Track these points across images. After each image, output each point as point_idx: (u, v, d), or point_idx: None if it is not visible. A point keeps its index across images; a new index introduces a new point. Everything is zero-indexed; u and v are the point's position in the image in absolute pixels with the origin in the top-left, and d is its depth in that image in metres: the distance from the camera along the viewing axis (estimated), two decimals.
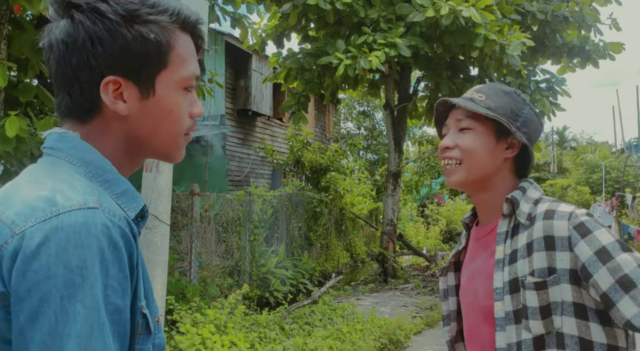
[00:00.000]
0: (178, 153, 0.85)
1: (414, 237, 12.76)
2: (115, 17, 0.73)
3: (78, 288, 0.63)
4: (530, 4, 7.91)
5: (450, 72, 8.40)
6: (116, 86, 0.75)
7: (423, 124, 11.20)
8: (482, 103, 1.17)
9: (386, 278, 8.97)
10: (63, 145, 0.76)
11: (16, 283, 0.63)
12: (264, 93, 12.39)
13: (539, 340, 1.03)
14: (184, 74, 0.80)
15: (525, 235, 1.09)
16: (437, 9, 6.54)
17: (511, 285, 1.08)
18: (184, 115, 0.82)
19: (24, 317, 0.63)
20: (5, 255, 0.64)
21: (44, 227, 0.64)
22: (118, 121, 0.78)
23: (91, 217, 0.67)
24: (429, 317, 6.46)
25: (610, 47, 8.64)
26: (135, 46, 0.75)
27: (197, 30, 0.83)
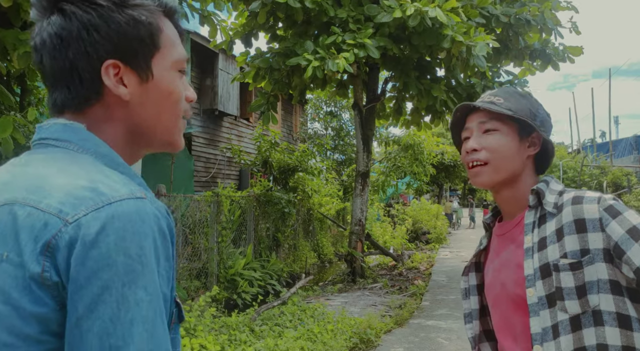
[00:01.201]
0: (178, 138, 0.85)
1: (380, 237, 12.87)
2: (106, 3, 0.74)
3: (139, 275, 0.64)
4: (495, 7, 8.10)
5: (417, 72, 8.51)
6: (116, 70, 0.76)
7: (390, 124, 11.30)
8: (502, 106, 1.22)
9: (354, 278, 8.99)
10: (72, 137, 0.75)
11: (75, 272, 0.62)
12: (230, 93, 12.24)
13: (576, 320, 1.06)
14: (176, 56, 0.82)
15: (554, 222, 1.14)
16: (404, 10, 6.61)
17: (542, 270, 1.12)
18: (182, 96, 0.83)
19: (83, 306, 0.62)
20: (60, 244, 0.63)
21: (100, 215, 0.64)
22: (120, 107, 0.78)
23: (142, 206, 0.67)
24: (398, 316, 6.50)
25: (570, 50, 8.94)
26: (129, 29, 0.75)
27: (176, 17, 0.85)
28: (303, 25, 8.05)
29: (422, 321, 6.43)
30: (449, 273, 10.55)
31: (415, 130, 11.18)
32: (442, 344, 5.43)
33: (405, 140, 12.94)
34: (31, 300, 0.63)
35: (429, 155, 13.21)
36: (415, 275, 9.98)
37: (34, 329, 0.63)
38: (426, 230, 16.74)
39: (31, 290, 0.63)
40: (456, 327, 6.09)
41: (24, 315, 0.63)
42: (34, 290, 0.63)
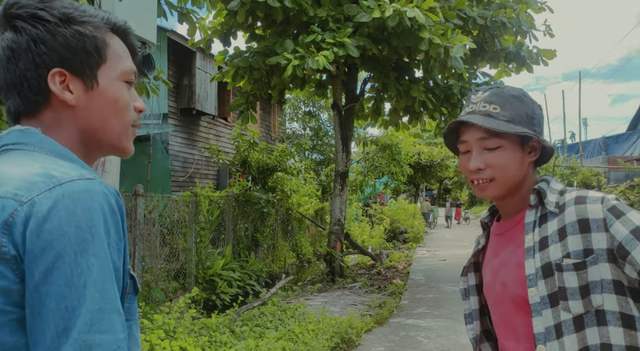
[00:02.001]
0: (127, 144, 0.92)
1: (359, 237, 12.93)
2: (53, 19, 0.83)
3: (89, 244, 0.71)
4: (471, 9, 8.21)
5: (396, 73, 8.56)
6: (62, 78, 0.83)
7: (368, 125, 11.36)
8: (500, 116, 1.19)
9: (334, 278, 9.00)
10: (29, 139, 0.82)
11: (31, 244, 0.70)
12: (208, 92, 12.12)
13: (579, 320, 1.06)
14: (122, 68, 0.89)
15: (556, 221, 1.13)
16: (383, 10, 6.65)
17: (544, 270, 1.11)
18: (128, 106, 0.90)
19: (39, 274, 0.69)
20: (17, 221, 0.71)
21: (51, 194, 0.72)
22: (68, 111, 0.85)
23: (91, 185, 0.75)
24: (378, 315, 6.54)
25: (544, 53, 9.14)
26: (75, 42, 0.84)
27: (127, 35, 0.93)
28: (282, 25, 8.02)
29: (401, 320, 6.48)
30: (426, 272, 10.66)
31: (393, 130, 11.27)
32: (422, 342, 5.48)
33: (383, 141, 13.04)
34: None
35: (406, 155, 13.34)
36: (393, 274, 10.06)
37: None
38: (404, 229, 16.88)
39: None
40: (435, 326, 6.16)
41: None
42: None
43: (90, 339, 0.69)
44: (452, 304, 7.37)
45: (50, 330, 0.69)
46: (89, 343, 0.69)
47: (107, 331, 0.71)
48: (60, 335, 0.68)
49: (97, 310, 0.70)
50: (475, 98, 1.24)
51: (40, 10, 0.83)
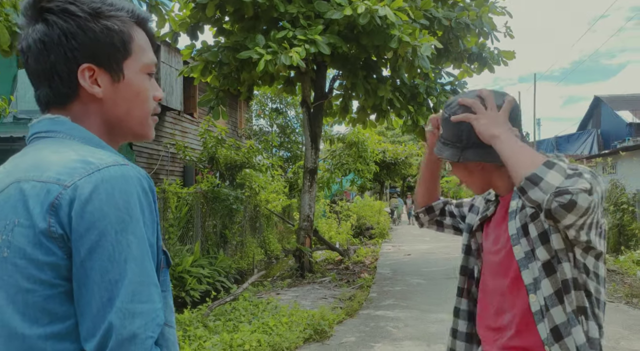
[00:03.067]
0: (149, 131, 0.99)
1: (326, 233, 13.05)
2: (83, 14, 0.87)
3: (128, 224, 0.78)
4: (437, 10, 8.45)
5: (365, 72, 8.70)
6: (91, 72, 0.89)
7: (336, 122, 11.48)
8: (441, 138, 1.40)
9: (303, 273, 9.09)
10: (60, 127, 0.89)
11: (76, 224, 0.77)
12: (174, 87, 11.95)
13: (548, 265, 1.21)
14: (145, 60, 0.95)
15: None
16: (355, 8, 6.76)
17: (524, 228, 1.25)
18: (149, 96, 0.96)
19: (85, 250, 0.77)
20: (62, 203, 0.78)
21: (91, 179, 0.79)
22: (95, 103, 0.91)
23: (126, 170, 0.82)
24: (349, 307, 6.67)
25: (504, 54, 9.48)
26: (103, 37, 0.88)
27: (148, 26, 0.98)
28: (251, 20, 8.02)
29: (371, 312, 6.63)
30: (393, 266, 10.90)
31: (360, 128, 11.43)
32: (391, 332, 5.64)
33: (349, 138, 13.19)
34: (43, 252, 0.77)
35: (372, 153, 13.54)
36: (361, 269, 10.23)
37: (47, 275, 0.78)
38: (370, 225, 17.13)
39: (42, 243, 0.77)
40: (403, 316, 6.34)
41: (39, 264, 0.78)
42: (44, 243, 0.77)
43: (132, 308, 0.76)
44: (418, 296, 7.59)
45: (96, 300, 0.76)
46: (131, 311, 0.76)
47: (147, 301, 0.78)
48: (105, 305, 0.76)
49: (137, 282, 0.78)
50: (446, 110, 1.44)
51: (71, 5, 0.87)
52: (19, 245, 0.78)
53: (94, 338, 0.76)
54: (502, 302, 1.33)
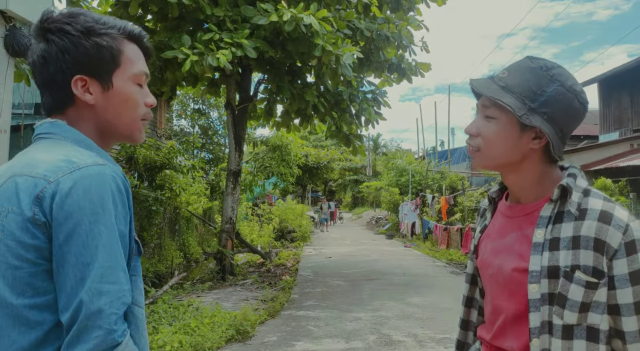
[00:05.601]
0: (138, 134, 1.12)
1: (248, 235, 13.03)
2: (76, 32, 1.02)
3: (100, 216, 0.92)
4: (359, 22, 8.80)
5: (290, 77, 8.86)
6: (83, 82, 1.03)
7: (260, 125, 11.54)
8: (500, 82, 1.15)
9: (224, 276, 9.04)
10: (56, 130, 1.03)
11: (56, 213, 0.91)
12: None
13: (568, 329, 1.08)
14: (134, 71, 1.08)
15: (572, 226, 1.10)
16: (280, 15, 6.90)
17: (550, 271, 1.10)
18: (138, 103, 1.10)
19: (63, 236, 0.91)
20: (46, 196, 0.92)
21: (72, 176, 0.93)
22: (88, 109, 1.06)
23: (103, 169, 0.96)
24: (270, 308, 6.76)
25: (421, 66, 10.05)
26: (93, 52, 1.03)
27: (141, 40, 1.12)
28: (176, 20, 7.91)
29: (292, 312, 6.78)
30: (314, 268, 11.13)
31: (283, 131, 11.57)
32: (312, 331, 5.82)
33: (273, 141, 13.28)
34: (29, 236, 0.92)
35: (295, 157, 13.71)
36: (283, 271, 10.35)
37: (32, 255, 0.92)
38: (292, 228, 17.31)
39: (28, 229, 0.92)
40: (323, 316, 6.55)
41: (25, 246, 0.92)
42: (30, 229, 0.92)
43: (100, 287, 0.90)
44: (338, 296, 7.86)
45: (71, 279, 0.90)
46: (99, 290, 0.90)
47: (114, 282, 0.92)
48: (78, 283, 0.90)
49: (106, 266, 0.91)
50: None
51: (67, 25, 1.02)
52: (11, 229, 0.92)
53: (67, 311, 0.90)
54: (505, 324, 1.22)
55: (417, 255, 14.18)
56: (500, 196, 1.34)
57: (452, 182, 18.04)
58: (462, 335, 1.46)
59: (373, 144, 45.65)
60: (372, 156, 41.02)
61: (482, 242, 1.33)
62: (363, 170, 39.20)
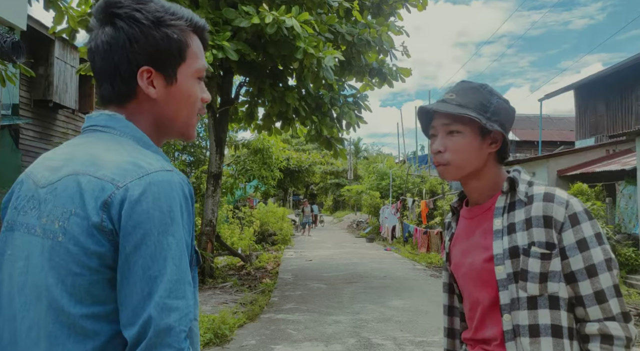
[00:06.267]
0: (193, 131, 1.08)
1: (229, 238, 12.96)
2: (147, 22, 0.96)
3: (169, 226, 0.87)
4: (341, 26, 8.85)
5: (271, 80, 8.86)
6: (149, 75, 0.97)
7: (241, 128, 11.50)
8: (453, 102, 1.31)
9: (204, 278, 8.97)
10: (115, 124, 0.97)
11: (125, 222, 0.85)
12: (68, 84, 11.24)
13: (532, 300, 1.21)
14: (197, 66, 1.03)
15: (523, 211, 1.26)
16: (262, 17, 6.91)
17: (511, 251, 1.24)
18: (198, 99, 1.05)
19: (130, 247, 0.85)
20: (114, 202, 0.86)
21: (141, 182, 0.87)
22: (148, 104, 1.00)
23: (171, 176, 0.90)
24: (250, 312, 6.74)
25: (402, 71, 10.14)
26: (162, 43, 0.97)
27: (204, 33, 1.07)
28: None
29: (272, 316, 6.76)
30: (294, 271, 11.12)
31: (265, 135, 11.55)
32: (291, 334, 5.81)
33: (254, 144, 13.24)
34: (93, 242, 0.86)
35: (277, 160, 13.70)
36: (263, 274, 10.31)
37: (95, 263, 0.87)
38: (273, 232, 17.26)
39: (93, 234, 0.86)
40: (303, 319, 6.54)
41: (88, 252, 0.87)
42: (95, 235, 0.86)
43: (169, 303, 0.84)
44: (317, 299, 7.86)
45: (137, 293, 0.84)
46: (168, 306, 0.84)
47: (182, 298, 0.86)
48: (145, 298, 0.83)
49: (175, 280, 0.86)
50: (446, 91, 1.38)
51: (137, 12, 0.95)
52: (73, 233, 0.87)
53: (134, 327, 0.84)
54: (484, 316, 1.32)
55: (398, 258, 14.27)
56: (461, 205, 1.47)
57: (432, 186, 18.22)
58: (449, 344, 1.52)
59: (354, 148, 45.83)
60: (354, 160, 41.19)
61: (453, 248, 1.43)
62: (344, 174, 39.32)
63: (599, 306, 1.18)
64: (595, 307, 1.18)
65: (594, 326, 1.18)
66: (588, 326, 1.19)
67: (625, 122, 15.53)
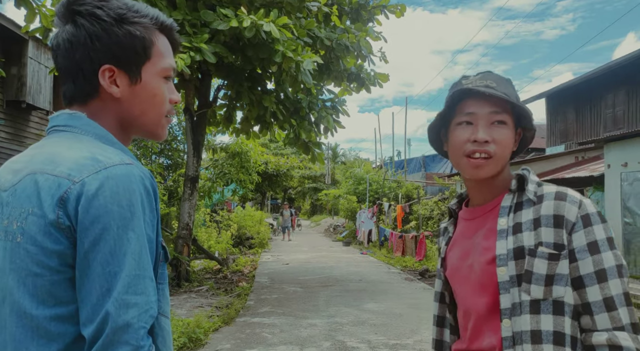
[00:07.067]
0: (162, 131, 1.06)
1: (206, 242, 12.87)
2: (109, 19, 0.94)
3: (129, 221, 0.84)
4: (319, 31, 8.91)
5: (250, 83, 8.87)
6: (111, 73, 0.95)
7: (219, 132, 11.45)
8: (499, 90, 1.18)
9: (180, 282, 8.90)
10: (76, 123, 0.95)
11: (82, 217, 0.83)
12: (42, 85, 11.04)
13: (535, 304, 1.12)
14: (163, 65, 1.01)
15: (532, 211, 1.17)
16: (240, 21, 6.92)
17: (516, 252, 1.14)
18: (165, 99, 1.03)
19: (89, 242, 0.83)
20: (70, 197, 0.84)
21: (98, 176, 0.85)
22: (112, 103, 0.98)
23: (130, 169, 0.88)
24: (225, 315, 6.71)
25: (379, 76, 10.26)
26: (125, 41, 0.95)
27: (172, 32, 1.05)
28: None
29: (247, 319, 6.74)
30: (271, 275, 11.10)
31: (244, 138, 11.52)
32: (266, 338, 5.81)
33: (233, 148, 13.20)
34: (52, 241, 0.84)
35: (255, 164, 13.67)
36: (239, 278, 10.27)
37: (55, 262, 0.85)
38: (250, 235, 17.21)
39: (51, 233, 0.84)
40: (278, 322, 6.55)
41: (47, 252, 0.85)
42: (53, 233, 0.84)
43: (127, 299, 0.82)
44: (293, 303, 7.87)
45: (96, 289, 0.82)
46: (126, 302, 0.82)
47: (141, 293, 0.84)
48: (104, 294, 0.82)
49: (134, 275, 0.83)
50: (469, 80, 1.23)
51: (98, 9, 0.94)
52: (31, 233, 0.85)
53: (91, 324, 0.82)
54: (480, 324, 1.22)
55: (373, 261, 14.37)
56: (460, 207, 1.38)
57: (408, 190, 18.42)
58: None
59: (332, 153, 45.99)
60: (331, 165, 41.33)
61: (449, 252, 1.33)
62: (322, 179, 39.41)
63: (607, 315, 1.08)
64: (604, 315, 1.08)
65: (602, 336, 1.07)
66: (595, 336, 1.08)
67: (594, 130, 15.99)
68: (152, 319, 0.86)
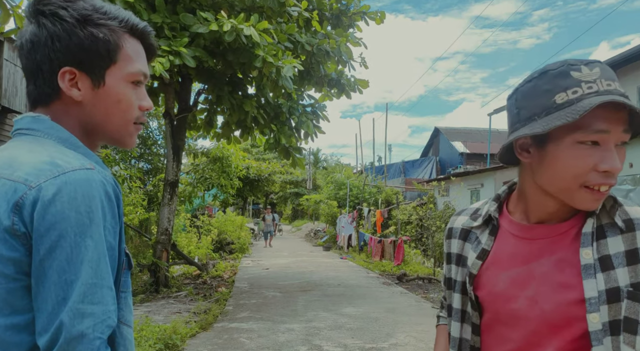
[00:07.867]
0: (129, 139, 1.01)
1: (186, 247, 12.76)
2: (71, 19, 0.91)
3: (87, 227, 0.81)
4: (300, 36, 8.95)
5: (230, 87, 8.86)
6: (71, 76, 0.93)
7: (200, 136, 11.39)
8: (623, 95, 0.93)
9: (158, 288, 8.80)
10: (39, 126, 0.92)
11: (38, 224, 0.80)
12: (18, 88, 10.86)
13: None
14: (131, 70, 0.97)
15: (621, 240, 0.96)
16: (221, 25, 6.91)
17: (609, 294, 0.93)
18: (132, 105, 0.99)
19: (44, 250, 0.80)
20: (26, 203, 0.81)
21: (55, 181, 0.82)
22: (75, 106, 0.95)
23: (90, 174, 0.85)
24: (203, 321, 6.66)
25: (359, 82, 10.34)
26: (87, 43, 0.92)
27: (145, 36, 1.01)
28: None
29: (225, 324, 6.71)
30: (250, 280, 11.06)
31: (225, 143, 11.48)
32: (244, 343, 5.79)
33: (214, 153, 13.13)
34: (7, 248, 0.81)
35: (236, 169, 13.62)
36: (219, 283, 10.21)
37: (10, 270, 0.82)
38: (230, 240, 17.11)
39: (6, 239, 0.81)
40: (257, 327, 6.53)
41: (3, 259, 0.81)
42: (8, 240, 0.81)
43: (83, 308, 0.79)
44: (272, 307, 7.86)
45: (52, 298, 0.79)
46: (81, 311, 0.79)
47: (98, 303, 0.81)
48: (59, 303, 0.79)
49: (90, 284, 0.81)
50: (588, 75, 0.94)
51: (62, 10, 0.91)
52: None
53: (46, 334, 0.79)
54: None
55: (352, 266, 14.41)
56: (501, 212, 1.14)
57: (388, 196, 18.55)
58: None
59: (314, 158, 46.08)
60: (313, 170, 41.38)
61: (487, 271, 1.09)
62: (303, 184, 39.42)
63: None
64: None
65: None
66: None
67: None
68: (110, 329, 0.83)
